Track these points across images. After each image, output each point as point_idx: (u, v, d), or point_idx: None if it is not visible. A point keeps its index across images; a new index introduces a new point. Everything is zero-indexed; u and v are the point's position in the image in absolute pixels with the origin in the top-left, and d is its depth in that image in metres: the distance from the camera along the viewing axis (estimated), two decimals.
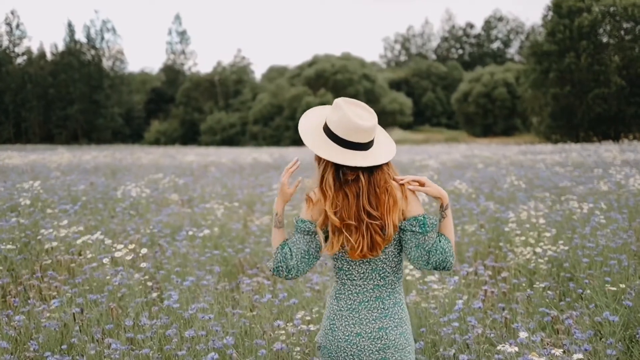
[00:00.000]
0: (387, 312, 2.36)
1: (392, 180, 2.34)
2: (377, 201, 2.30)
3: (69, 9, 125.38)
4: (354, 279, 2.37)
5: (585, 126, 41.09)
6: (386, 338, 2.34)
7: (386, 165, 2.35)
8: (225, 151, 30.93)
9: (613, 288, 4.25)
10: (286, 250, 2.35)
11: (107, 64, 62.41)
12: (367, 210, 2.29)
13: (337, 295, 2.40)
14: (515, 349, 2.92)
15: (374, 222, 2.29)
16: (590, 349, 3.17)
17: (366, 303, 2.36)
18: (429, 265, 2.32)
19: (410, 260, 2.35)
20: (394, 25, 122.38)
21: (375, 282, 2.37)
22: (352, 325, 2.35)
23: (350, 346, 2.34)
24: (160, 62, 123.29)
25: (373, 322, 2.34)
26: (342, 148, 2.29)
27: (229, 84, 60.61)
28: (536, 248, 5.52)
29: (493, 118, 56.05)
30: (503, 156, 19.60)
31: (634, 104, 39.65)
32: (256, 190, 11.32)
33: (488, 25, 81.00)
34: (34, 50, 62.35)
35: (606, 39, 41.50)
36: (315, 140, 2.34)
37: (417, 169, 15.06)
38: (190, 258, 5.91)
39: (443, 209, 2.38)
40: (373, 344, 2.33)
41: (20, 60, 60.26)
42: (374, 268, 2.36)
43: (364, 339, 2.33)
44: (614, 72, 40.02)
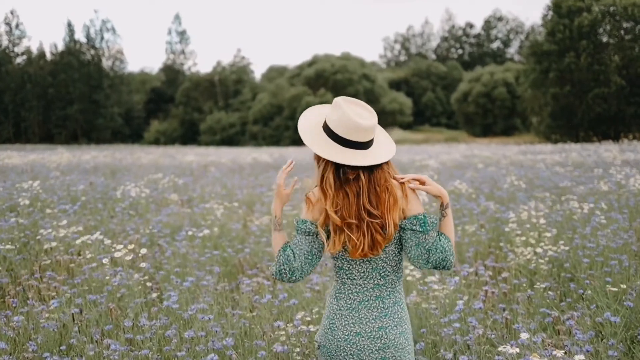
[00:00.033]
0: (387, 312, 2.35)
1: (393, 179, 2.33)
2: (378, 200, 2.29)
3: (69, 9, 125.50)
4: (354, 278, 2.36)
5: (585, 126, 41.09)
6: (386, 337, 2.33)
7: (386, 164, 2.34)
8: (225, 151, 30.92)
9: (614, 289, 4.24)
10: (289, 252, 2.33)
11: (107, 64, 62.37)
12: (368, 209, 2.28)
13: (337, 294, 2.39)
14: (516, 350, 2.91)
15: (375, 221, 2.28)
16: (591, 350, 3.15)
17: (366, 302, 2.35)
18: (429, 264, 2.31)
19: (410, 259, 2.34)
20: (394, 25, 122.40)
21: (375, 282, 2.36)
22: (352, 324, 2.34)
23: (349, 346, 2.33)
24: (160, 62, 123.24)
25: (373, 322, 2.33)
26: (342, 147, 2.28)
27: (229, 84, 60.59)
28: (537, 248, 5.50)
29: (493, 118, 56.06)
30: (503, 156, 19.59)
31: (634, 104, 39.66)
32: (256, 190, 11.31)
33: (488, 25, 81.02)
34: (34, 50, 62.51)
35: (606, 39, 41.50)
36: (315, 139, 2.33)
37: (417, 169, 15.04)
38: (189, 258, 5.89)
39: (443, 208, 2.37)
40: (373, 344, 2.32)
41: (19, 60, 60.24)
42: (375, 267, 2.35)
43: (364, 339, 2.32)
44: (614, 72, 40.02)
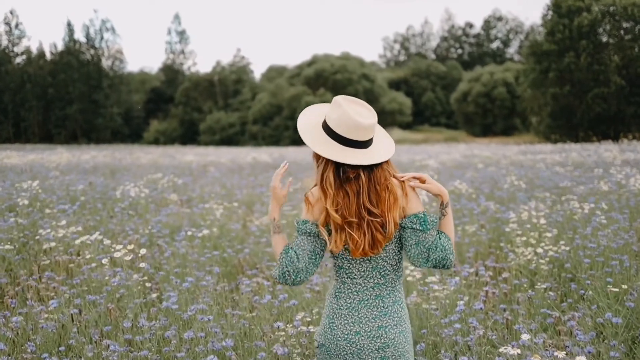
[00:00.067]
0: (387, 311, 2.34)
1: (393, 177, 2.33)
2: (378, 198, 2.28)
3: (68, 9, 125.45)
4: (354, 278, 2.35)
5: (584, 126, 41.09)
6: (385, 337, 2.32)
7: (386, 163, 2.34)
8: (224, 151, 30.92)
9: (615, 289, 4.22)
10: (291, 253, 2.31)
11: (107, 64, 62.30)
12: (368, 207, 2.27)
13: (337, 293, 2.38)
14: (517, 351, 2.89)
15: (375, 220, 2.27)
16: (593, 351, 3.14)
17: (366, 302, 2.34)
18: (429, 262, 2.30)
19: (410, 258, 2.33)
20: (394, 24, 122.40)
21: (375, 281, 2.35)
22: (352, 324, 2.33)
23: (349, 345, 2.32)
24: (159, 62, 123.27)
25: (372, 321, 2.32)
26: (342, 146, 2.27)
27: (228, 84, 60.55)
28: (537, 248, 5.48)
29: (492, 118, 56.06)
30: (503, 156, 19.59)
31: (634, 104, 39.66)
32: (255, 190, 11.29)
33: (487, 24, 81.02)
34: (33, 49, 62.39)
35: (606, 39, 41.50)
36: (315, 138, 2.32)
37: (417, 169, 15.03)
38: (189, 259, 5.88)
39: (443, 207, 2.36)
40: (372, 343, 2.31)
41: (19, 59, 60.19)
42: (375, 266, 2.34)
43: (364, 338, 2.31)
44: (614, 72, 40.01)
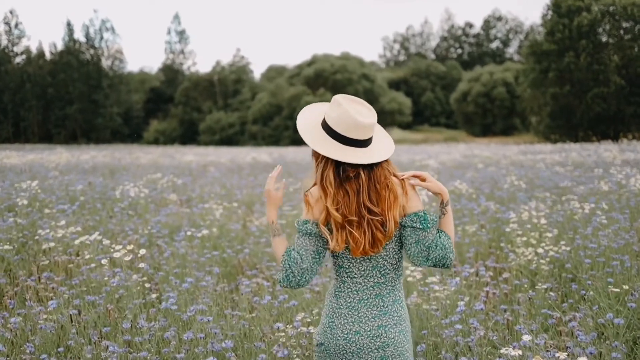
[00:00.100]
0: (387, 310, 2.33)
1: (393, 176, 2.32)
2: (378, 197, 2.28)
3: (68, 9, 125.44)
4: (354, 277, 2.34)
5: (584, 126, 41.09)
6: (385, 336, 2.31)
7: (385, 162, 2.33)
8: (224, 151, 30.91)
9: (616, 289, 4.21)
10: (294, 254, 2.30)
11: (106, 64, 62.26)
12: (368, 206, 2.26)
13: (337, 293, 2.37)
14: (518, 352, 2.88)
15: (375, 218, 2.26)
16: (595, 352, 3.12)
17: (366, 301, 2.33)
18: (429, 261, 2.30)
19: (410, 256, 2.33)
20: (393, 24, 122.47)
21: (375, 280, 2.34)
22: (351, 323, 2.32)
23: (349, 344, 2.31)
24: (159, 62, 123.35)
25: (372, 320, 2.32)
26: (342, 145, 2.27)
27: (228, 84, 60.52)
28: (538, 249, 5.47)
29: (492, 118, 56.05)
30: (503, 156, 19.58)
31: (634, 104, 39.66)
32: (255, 190, 11.27)
33: (487, 24, 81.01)
34: (33, 49, 62.28)
35: (605, 39, 41.51)
36: (315, 137, 2.31)
37: (417, 169, 15.00)
38: (189, 259, 5.86)
39: (443, 206, 2.36)
40: (372, 342, 2.30)
41: (19, 59, 60.17)
42: (375, 265, 2.33)
43: (363, 337, 2.31)
44: (614, 72, 40.02)
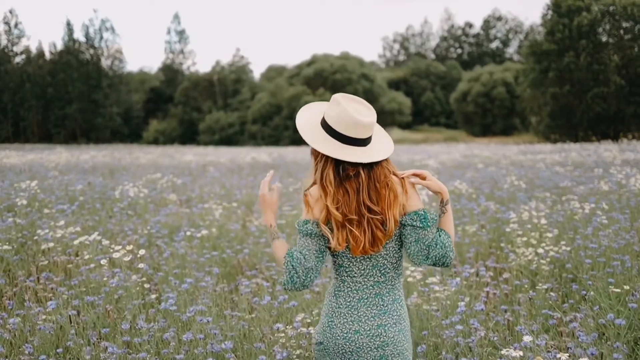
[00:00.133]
0: (386, 309, 2.33)
1: (393, 174, 2.32)
2: (378, 196, 2.27)
3: (68, 8, 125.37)
4: (354, 276, 2.34)
5: (584, 126, 41.08)
6: (385, 335, 2.30)
7: (385, 160, 2.33)
8: (224, 151, 30.89)
9: (617, 289, 4.19)
10: (297, 255, 2.28)
11: (106, 63, 62.22)
12: (368, 205, 2.26)
13: (336, 292, 2.37)
14: (519, 353, 2.87)
15: (375, 217, 2.26)
16: (596, 353, 3.11)
17: (365, 300, 2.33)
18: (429, 259, 2.29)
19: (409, 255, 2.32)
20: (393, 24, 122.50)
21: (375, 279, 2.33)
22: (351, 322, 2.31)
23: (348, 343, 2.30)
24: (159, 62, 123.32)
25: (372, 320, 2.31)
26: (342, 144, 2.26)
27: (228, 84, 60.49)
28: (538, 249, 5.46)
29: (492, 118, 56.03)
30: (503, 156, 19.56)
31: (634, 104, 39.65)
32: (255, 190, 11.26)
33: (487, 24, 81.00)
34: (33, 49, 62.34)
35: (605, 38, 41.49)
36: (315, 136, 2.31)
37: (417, 169, 14.99)
38: (188, 259, 5.85)
39: (443, 205, 2.36)
40: (372, 342, 2.30)
41: (18, 59, 60.14)
42: (375, 264, 2.32)
43: (363, 337, 2.30)
44: (613, 72, 40.00)
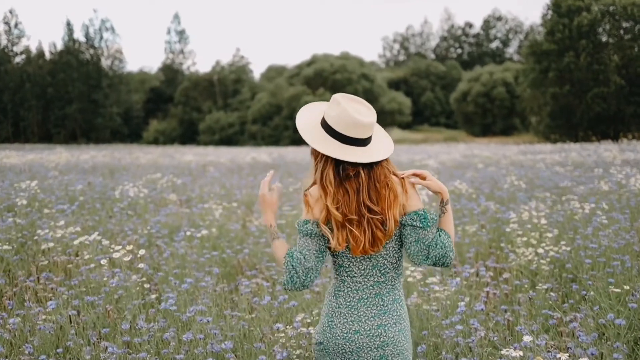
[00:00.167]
0: (386, 309, 2.33)
1: (393, 174, 2.32)
2: (378, 196, 2.27)
3: (68, 8, 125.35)
4: (354, 276, 2.34)
5: (584, 126, 41.07)
6: (385, 335, 2.30)
7: (385, 160, 2.33)
8: (223, 151, 30.88)
9: (617, 290, 4.19)
10: (297, 255, 2.28)
11: (106, 63, 62.19)
12: (368, 205, 2.26)
13: (336, 292, 2.36)
14: (519, 353, 2.87)
15: (375, 217, 2.26)
16: (596, 353, 3.11)
17: (365, 300, 2.32)
18: (429, 259, 2.29)
19: (409, 255, 2.32)
20: (393, 24, 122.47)
21: (375, 279, 2.33)
22: (351, 322, 2.31)
23: (348, 343, 2.30)
24: (159, 62, 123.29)
25: (372, 320, 2.31)
26: (342, 144, 2.26)
27: (228, 84, 60.48)
28: (538, 249, 5.45)
29: (492, 118, 56.02)
30: (503, 156, 19.56)
31: (633, 103, 39.64)
32: (255, 190, 11.26)
33: (487, 24, 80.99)
34: (33, 49, 62.32)
35: (605, 38, 41.49)
36: (315, 136, 2.31)
37: (417, 169, 14.99)
38: (188, 259, 5.85)
39: (443, 205, 2.36)
40: (371, 341, 2.30)
41: (18, 59, 60.12)
42: (375, 264, 2.32)
43: (363, 337, 2.30)
44: (613, 72, 40.00)
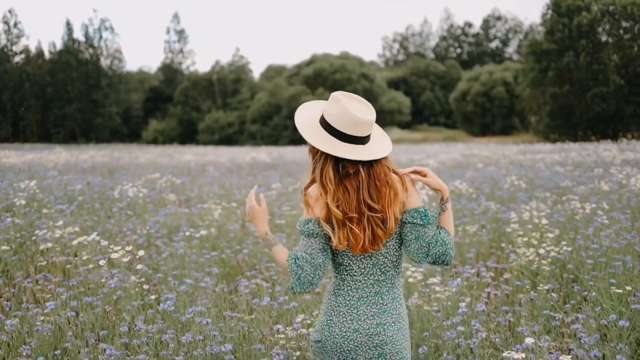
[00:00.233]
0: (386, 308, 2.32)
1: (393, 172, 2.31)
2: (378, 194, 2.26)
3: (67, 8, 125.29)
4: (354, 275, 2.32)
5: (583, 125, 41.06)
6: (384, 334, 2.29)
7: (384, 159, 2.32)
8: (223, 150, 30.84)
9: (619, 290, 4.17)
10: (301, 254, 2.27)
11: (105, 63, 62.11)
12: (368, 203, 2.25)
13: (336, 290, 2.35)
14: (522, 355, 2.84)
15: (375, 215, 2.25)
16: (599, 355, 3.08)
17: (365, 299, 2.31)
18: (429, 257, 2.28)
19: (409, 253, 2.31)
20: (393, 24, 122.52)
21: (375, 278, 2.32)
22: (350, 321, 2.30)
23: (347, 342, 2.29)
24: (158, 61, 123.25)
25: (371, 318, 2.30)
26: (341, 142, 2.25)
27: (227, 83, 60.45)
28: (539, 249, 5.43)
29: (491, 117, 56.00)
30: (502, 155, 19.53)
31: (633, 103, 39.63)
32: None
33: (486, 24, 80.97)
34: (32, 48, 62.24)
35: (605, 38, 41.47)
36: (314, 134, 2.30)
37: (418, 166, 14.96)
38: (187, 259, 5.82)
39: (443, 202, 2.35)
40: (370, 340, 2.29)
41: (18, 59, 60.06)
42: (375, 263, 2.31)
43: (362, 335, 2.28)
44: (613, 71, 39.98)
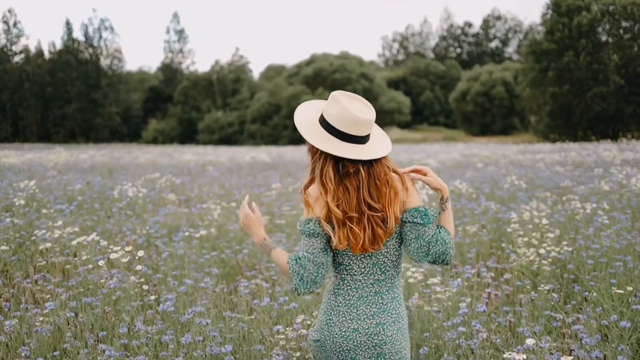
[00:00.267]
0: (385, 308, 2.31)
1: (393, 171, 2.30)
2: (378, 193, 2.26)
3: (67, 8, 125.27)
4: (354, 274, 2.32)
5: (583, 125, 41.06)
6: (383, 334, 2.29)
7: (384, 158, 2.32)
8: (223, 150, 30.83)
9: (619, 291, 4.16)
10: (303, 254, 2.26)
11: (105, 63, 62.14)
12: (368, 202, 2.24)
13: (336, 290, 2.34)
14: (523, 356, 2.83)
15: (375, 215, 2.24)
16: (600, 356, 3.07)
17: (365, 298, 2.31)
18: (429, 256, 2.28)
19: (409, 252, 2.30)
20: (393, 24, 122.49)
21: (375, 277, 2.32)
22: (350, 320, 2.29)
23: (346, 341, 2.28)
24: (158, 61, 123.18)
25: (371, 318, 2.29)
26: (341, 141, 2.25)
27: (227, 83, 60.44)
28: (539, 249, 5.41)
29: (491, 117, 56.01)
30: (502, 155, 19.52)
31: (633, 103, 39.64)
32: (254, 190, 11.21)
33: (486, 24, 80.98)
34: (32, 48, 62.28)
35: (605, 38, 41.47)
36: (314, 134, 2.29)
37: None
38: (187, 260, 5.80)
39: (443, 202, 2.34)
40: (370, 340, 2.28)
41: (17, 58, 60.08)
42: (375, 262, 2.31)
43: (361, 335, 2.28)
44: (613, 71, 39.98)
